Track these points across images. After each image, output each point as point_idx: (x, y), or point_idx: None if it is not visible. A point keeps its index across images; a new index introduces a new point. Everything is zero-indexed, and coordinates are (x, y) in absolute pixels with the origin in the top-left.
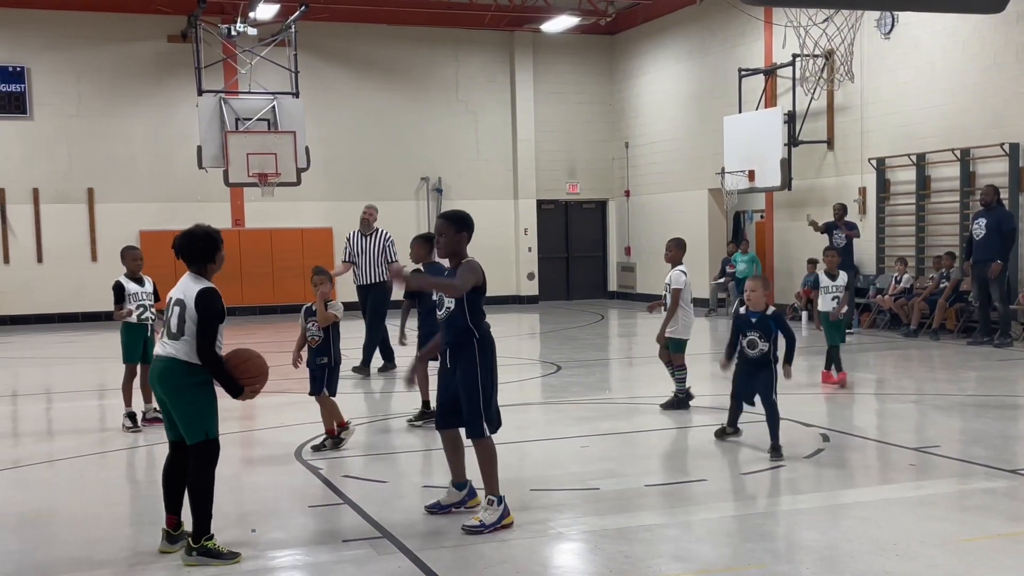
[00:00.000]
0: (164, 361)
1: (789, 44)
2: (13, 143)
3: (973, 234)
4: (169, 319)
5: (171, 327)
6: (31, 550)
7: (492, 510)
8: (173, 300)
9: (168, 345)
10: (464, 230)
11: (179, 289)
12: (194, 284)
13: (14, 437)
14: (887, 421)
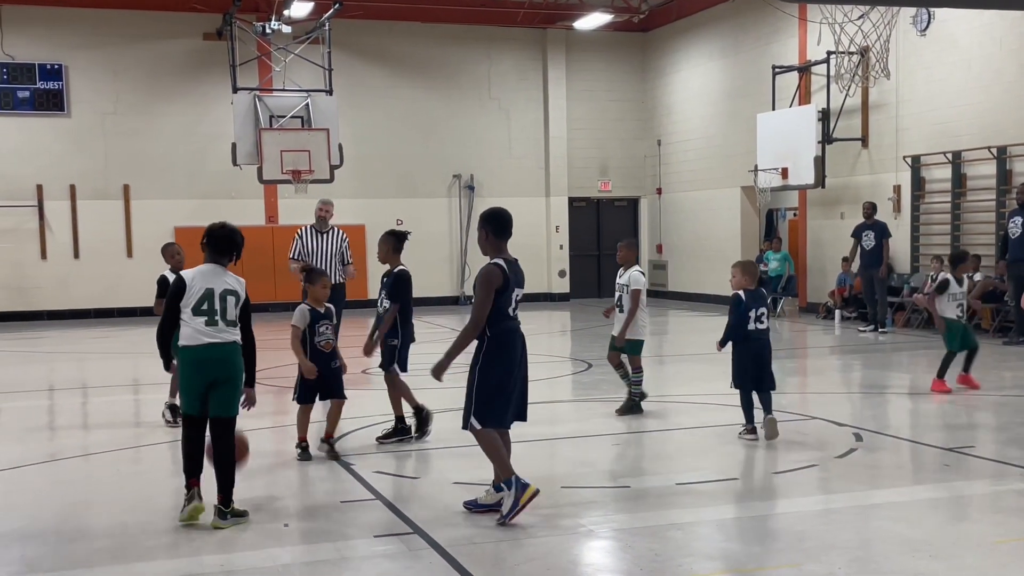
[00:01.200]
0: (230, 346)
1: (824, 41)
2: (51, 140)
3: (1009, 233)
4: (224, 308)
5: (228, 315)
6: (67, 542)
7: (506, 495)
8: (221, 291)
9: (228, 332)
10: (485, 226)
11: (222, 281)
12: (236, 276)
13: (51, 431)
14: (921, 421)
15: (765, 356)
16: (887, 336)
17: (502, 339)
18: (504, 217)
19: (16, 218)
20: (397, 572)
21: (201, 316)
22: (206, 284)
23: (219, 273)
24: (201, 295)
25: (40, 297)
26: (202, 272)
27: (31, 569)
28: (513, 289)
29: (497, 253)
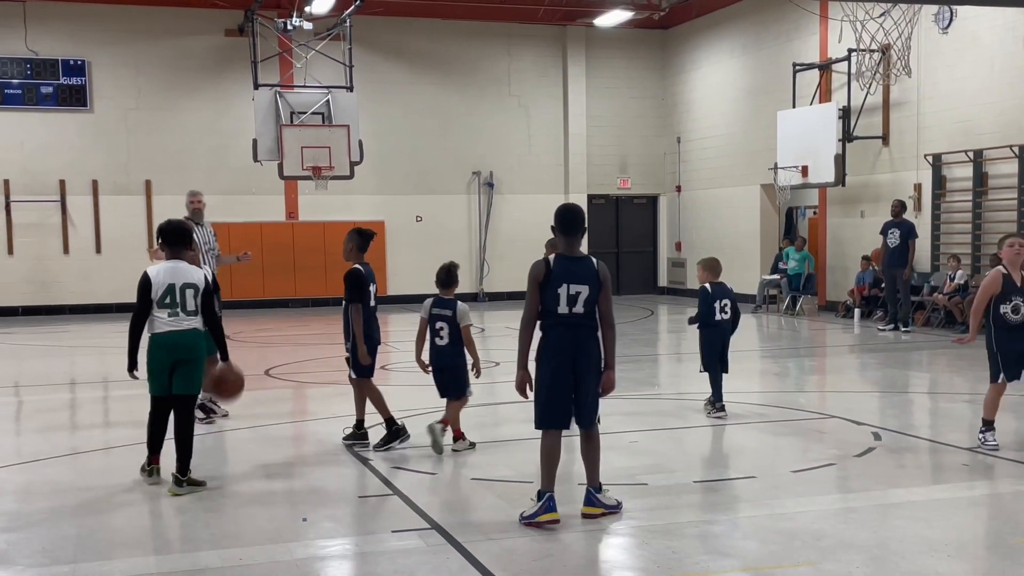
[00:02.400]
0: (191, 332)
1: (845, 38)
2: (74, 135)
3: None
4: (184, 300)
5: (188, 307)
6: (88, 535)
7: (532, 504)
8: (181, 285)
9: (188, 321)
10: (557, 226)
11: (182, 276)
12: (194, 269)
13: (72, 424)
14: (940, 420)
15: (725, 342)
16: (908, 335)
17: (548, 337)
18: (560, 211)
19: (39, 213)
20: (414, 567)
21: (164, 308)
22: (168, 280)
23: (180, 269)
24: (164, 290)
25: (62, 291)
26: (165, 269)
27: (53, 561)
28: (560, 285)
29: (557, 250)
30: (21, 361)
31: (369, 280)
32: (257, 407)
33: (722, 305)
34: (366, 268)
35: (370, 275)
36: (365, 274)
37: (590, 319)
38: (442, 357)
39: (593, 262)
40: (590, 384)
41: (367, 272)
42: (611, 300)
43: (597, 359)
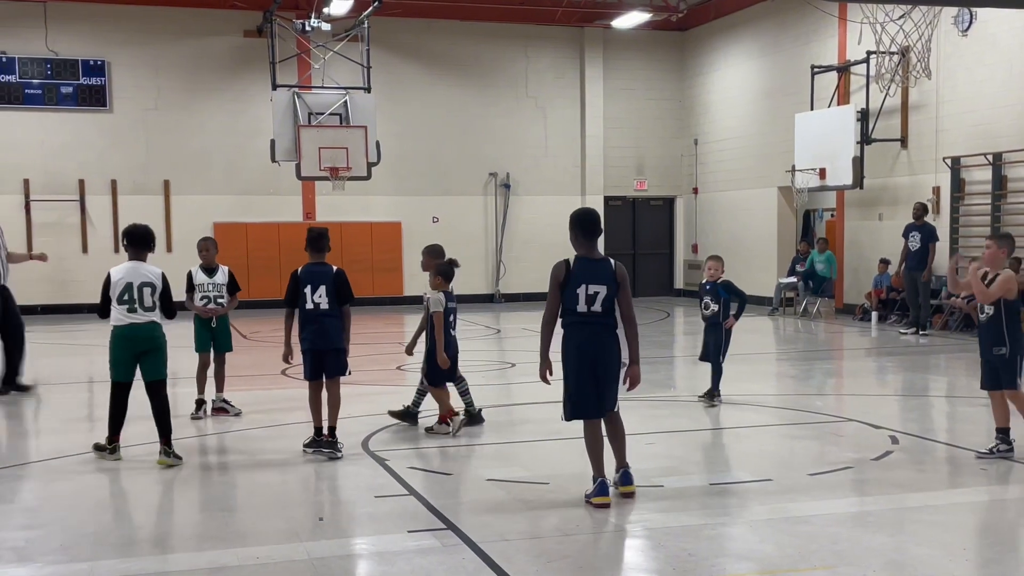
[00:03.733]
0: (148, 324)
1: (864, 41)
2: (93, 135)
3: None
4: (141, 297)
5: (145, 303)
6: (106, 533)
7: (591, 487)
8: (139, 283)
9: (145, 315)
10: (574, 229)
11: (141, 275)
12: (153, 268)
13: (90, 422)
14: (958, 424)
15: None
16: (927, 339)
17: (570, 335)
18: (577, 215)
19: (58, 212)
20: (430, 567)
21: (123, 304)
22: (127, 279)
23: (139, 269)
24: (123, 287)
25: (81, 290)
26: (125, 268)
27: (71, 558)
28: (579, 285)
29: (576, 250)
30: (39, 359)
31: (305, 282)
32: (273, 407)
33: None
34: (308, 269)
35: (308, 277)
36: (300, 276)
37: (608, 317)
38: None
39: (611, 263)
40: (611, 377)
41: (304, 273)
42: (631, 299)
43: (617, 354)
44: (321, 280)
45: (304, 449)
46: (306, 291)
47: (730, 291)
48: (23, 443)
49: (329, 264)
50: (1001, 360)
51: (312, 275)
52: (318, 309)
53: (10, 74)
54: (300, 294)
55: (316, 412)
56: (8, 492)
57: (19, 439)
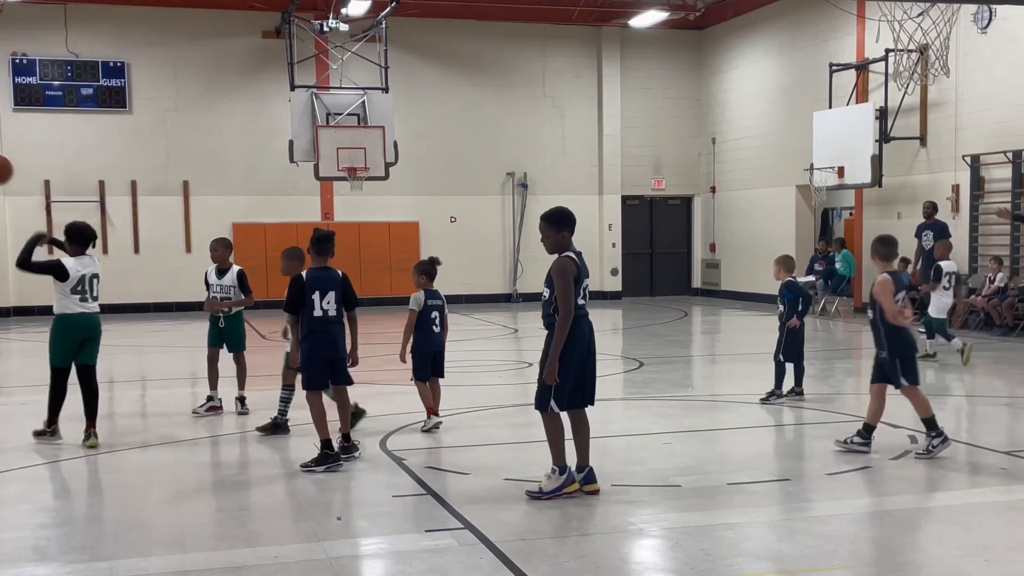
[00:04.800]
0: (95, 315)
1: (883, 38)
2: (113, 136)
3: None
4: (92, 287)
5: (94, 292)
6: (126, 531)
7: (554, 477)
8: (90, 275)
9: (94, 305)
10: (564, 227)
11: (90, 268)
12: (95, 261)
13: (110, 422)
14: (977, 424)
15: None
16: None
17: (573, 327)
18: (566, 212)
19: (79, 213)
20: (447, 567)
21: (76, 294)
22: (82, 271)
23: (88, 261)
24: (78, 279)
25: (101, 291)
26: (79, 261)
27: (92, 557)
28: (583, 280)
29: (565, 247)
30: None
31: (313, 288)
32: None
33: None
34: (313, 274)
35: (316, 282)
36: (306, 281)
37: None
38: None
39: (582, 255)
40: (595, 367)
41: (311, 279)
42: None
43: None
44: (330, 286)
45: (310, 470)
46: (314, 297)
47: (792, 291)
48: (44, 443)
49: (334, 269)
50: (884, 361)
51: (320, 280)
52: (327, 316)
53: (31, 76)
54: (308, 300)
55: (325, 424)
56: (29, 491)
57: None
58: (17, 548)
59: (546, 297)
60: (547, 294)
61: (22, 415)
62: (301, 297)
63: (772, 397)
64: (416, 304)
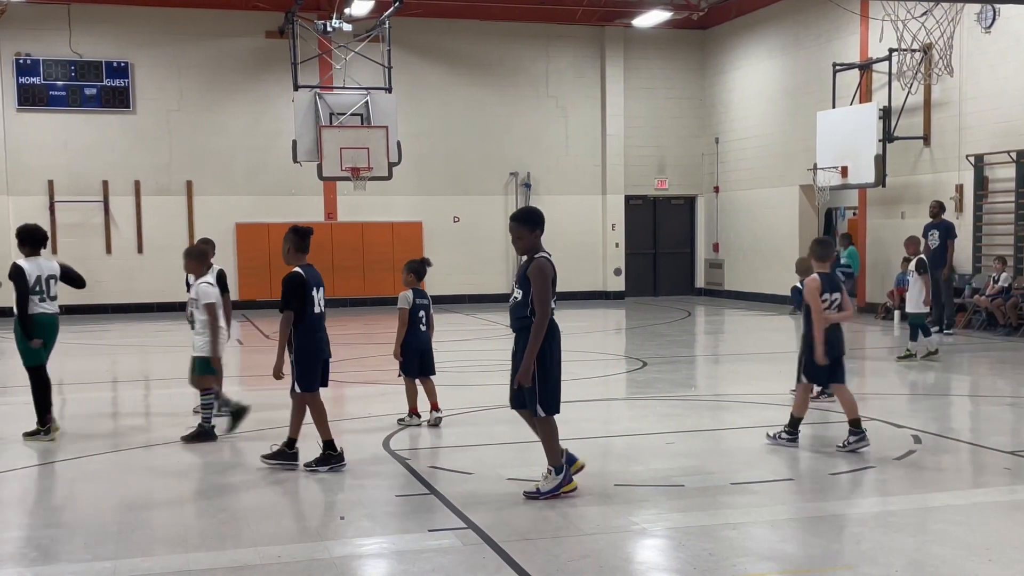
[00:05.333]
0: (56, 316)
1: (886, 38)
2: (117, 136)
3: None
4: (49, 287)
5: (51, 292)
6: (129, 531)
7: (552, 477)
8: (46, 276)
9: (53, 305)
10: (537, 227)
11: (46, 268)
12: (52, 261)
13: (114, 422)
14: (981, 424)
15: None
16: (950, 338)
17: (549, 329)
18: (538, 212)
19: (82, 213)
20: (451, 566)
21: (36, 295)
22: (36, 272)
23: (42, 261)
24: (35, 279)
25: (104, 291)
26: (34, 262)
27: (95, 556)
28: (555, 282)
29: (538, 248)
30: (64, 359)
31: (312, 285)
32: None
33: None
34: (308, 271)
35: (313, 279)
36: (306, 278)
37: None
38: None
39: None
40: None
41: (308, 275)
42: None
43: None
44: (320, 282)
45: (313, 470)
46: (314, 294)
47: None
48: (47, 442)
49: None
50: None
51: (314, 277)
52: (322, 313)
53: (34, 76)
54: (308, 297)
55: (327, 424)
56: (32, 491)
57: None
58: (19, 548)
59: (519, 299)
60: (520, 295)
61: (23, 415)
62: (303, 294)
63: (822, 396)
64: (406, 302)
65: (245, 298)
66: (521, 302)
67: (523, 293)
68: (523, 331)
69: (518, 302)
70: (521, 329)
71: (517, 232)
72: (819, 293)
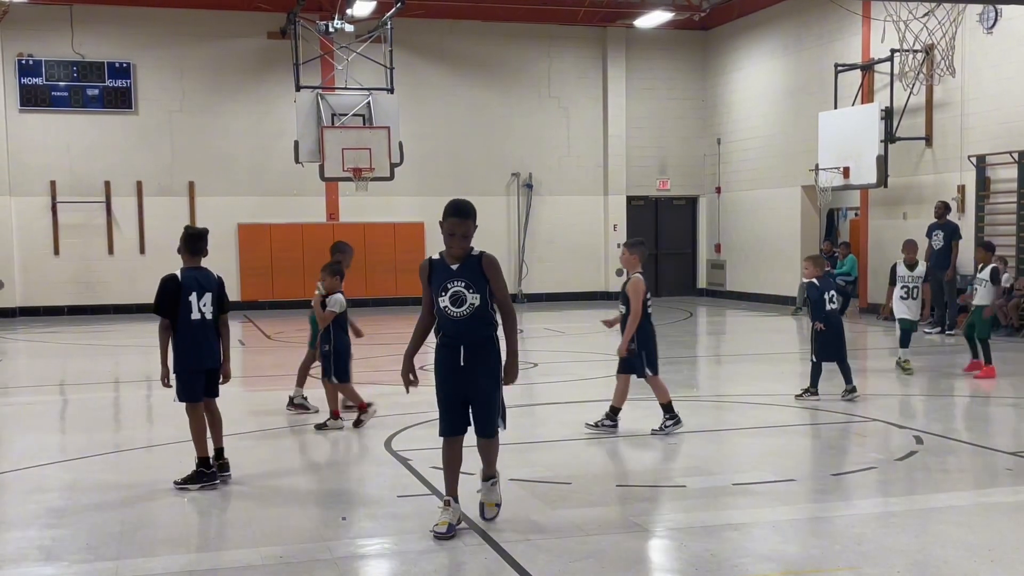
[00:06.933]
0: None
1: (888, 39)
2: (119, 137)
3: None
4: None
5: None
6: (131, 532)
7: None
8: None
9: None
10: (475, 219)
11: None
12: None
13: (116, 422)
14: (983, 424)
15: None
16: (952, 338)
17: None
18: (471, 204)
19: (85, 214)
20: (452, 567)
21: None
22: None
23: None
24: None
25: (107, 291)
26: None
27: (97, 557)
28: None
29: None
30: (66, 360)
31: (190, 289)
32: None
33: (830, 295)
34: (189, 274)
35: (194, 283)
36: (181, 281)
37: None
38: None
39: None
40: None
41: (187, 279)
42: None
43: None
44: (209, 287)
45: (183, 487)
46: (192, 299)
47: (815, 291)
48: (50, 442)
49: (209, 269)
50: (633, 353)
51: (198, 281)
52: (204, 320)
53: (37, 77)
54: (185, 304)
55: (205, 439)
56: (34, 491)
57: (46, 438)
58: (22, 548)
59: (476, 304)
60: (476, 300)
61: (28, 415)
62: (174, 299)
63: (805, 394)
64: (339, 306)
65: (247, 299)
66: (481, 306)
67: (479, 296)
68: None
69: (475, 307)
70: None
71: (460, 227)
72: (644, 291)
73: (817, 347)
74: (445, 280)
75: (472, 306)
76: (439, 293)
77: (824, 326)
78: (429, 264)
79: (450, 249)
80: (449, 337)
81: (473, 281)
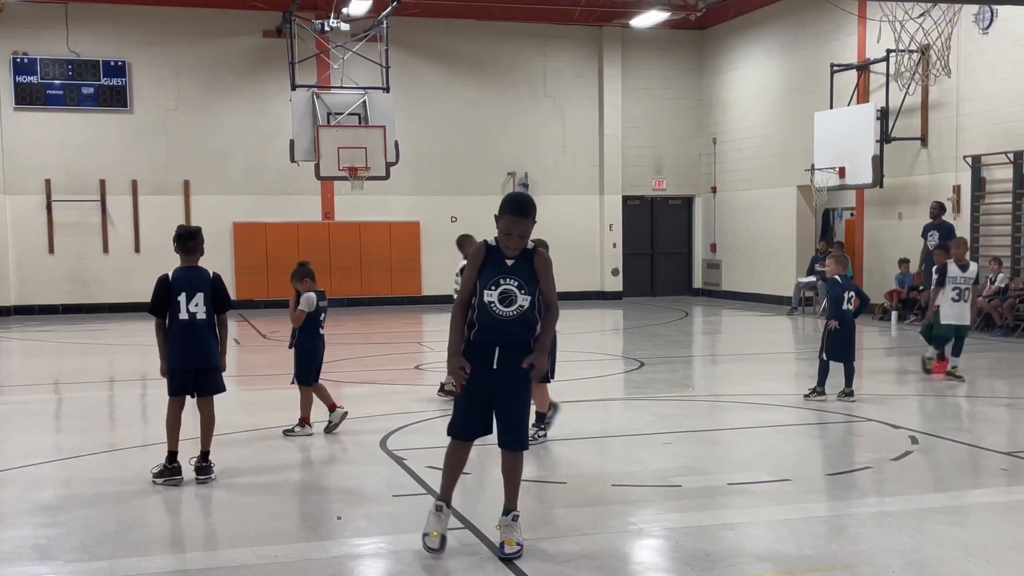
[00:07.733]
0: None
1: (884, 39)
2: (114, 136)
3: None
4: None
5: None
6: (125, 531)
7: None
8: None
9: None
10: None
11: None
12: None
13: (111, 421)
14: (978, 424)
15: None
16: None
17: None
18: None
19: (80, 212)
20: (448, 567)
21: None
22: None
23: None
24: None
25: (102, 290)
26: None
27: (91, 556)
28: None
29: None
30: (61, 359)
31: (179, 289)
32: (293, 406)
33: (849, 296)
34: (181, 273)
35: (184, 283)
36: (171, 281)
37: None
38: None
39: None
40: None
41: (178, 278)
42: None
43: None
44: (200, 287)
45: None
46: (181, 299)
47: (835, 289)
48: (44, 441)
49: (204, 268)
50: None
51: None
52: (194, 320)
53: (32, 75)
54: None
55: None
56: (29, 490)
57: (40, 437)
58: (16, 547)
59: (525, 307)
60: (526, 303)
61: (22, 414)
62: (165, 297)
63: (813, 394)
64: (308, 305)
65: (243, 297)
66: (530, 307)
67: (531, 298)
68: (523, 346)
69: (524, 310)
70: (521, 344)
71: (523, 227)
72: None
73: (829, 346)
74: (498, 275)
75: (521, 308)
76: (488, 286)
77: (839, 325)
78: (486, 248)
79: (506, 250)
80: (486, 335)
81: (526, 281)
